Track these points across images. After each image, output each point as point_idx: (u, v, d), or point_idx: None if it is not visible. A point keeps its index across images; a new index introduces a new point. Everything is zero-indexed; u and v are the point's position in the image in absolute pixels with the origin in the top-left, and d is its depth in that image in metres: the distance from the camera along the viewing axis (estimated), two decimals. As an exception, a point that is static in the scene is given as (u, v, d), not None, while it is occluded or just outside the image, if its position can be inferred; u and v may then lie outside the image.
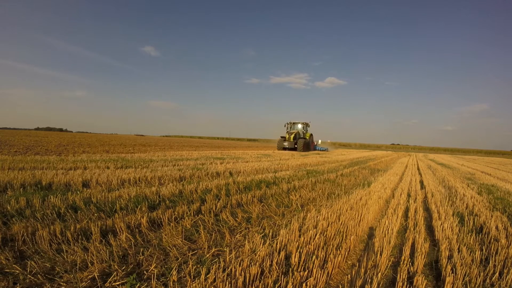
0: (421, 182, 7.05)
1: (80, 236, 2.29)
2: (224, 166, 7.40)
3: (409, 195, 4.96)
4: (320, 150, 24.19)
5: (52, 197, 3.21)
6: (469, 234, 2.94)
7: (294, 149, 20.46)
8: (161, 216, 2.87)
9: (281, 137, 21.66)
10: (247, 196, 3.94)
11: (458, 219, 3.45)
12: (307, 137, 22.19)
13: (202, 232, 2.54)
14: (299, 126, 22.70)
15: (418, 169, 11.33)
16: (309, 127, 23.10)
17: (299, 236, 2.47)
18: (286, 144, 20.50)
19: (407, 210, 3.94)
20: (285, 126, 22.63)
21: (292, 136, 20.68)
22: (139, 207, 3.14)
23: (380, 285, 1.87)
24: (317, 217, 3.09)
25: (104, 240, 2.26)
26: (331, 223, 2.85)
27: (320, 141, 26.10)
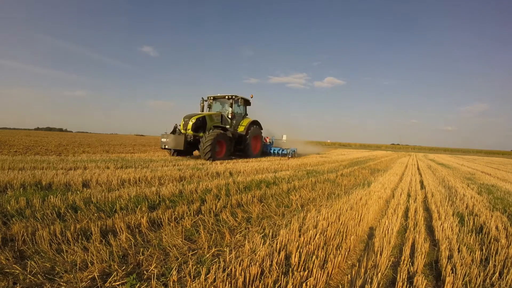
0: (421, 182, 7.05)
1: (80, 236, 2.28)
2: (224, 166, 7.40)
3: (409, 195, 4.96)
4: (279, 154, 13.21)
5: (52, 197, 3.20)
6: (469, 234, 2.94)
7: (192, 148, 9.90)
8: (161, 216, 2.86)
9: (176, 126, 10.19)
10: (247, 196, 3.94)
11: (458, 219, 3.45)
12: (242, 128, 11.19)
13: (202, 232, 2.54)
14: (226, 106, 11.44)
15: (418, 169, 11.33)
16: (249, 105, 12.13)
17: (299, 236, 2.47)
18: (166, 140, 9.44)
19: (407, 210, 3.94)
20: (201, 104, 11.46)
21: (190, 124, 9.46)
22: (139, 207, 3.14)
23: (380, 285, 1.87)
24: (317, 217, 3.08)
25: (104, 240, 2.26)
26: (331, 223, 2.85)
27: (285, 136, 15.01)
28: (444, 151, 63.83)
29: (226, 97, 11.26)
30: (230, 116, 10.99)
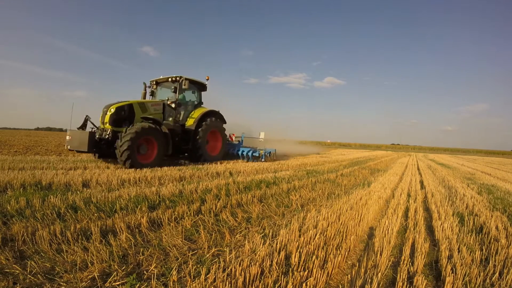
0: (421, 182, 7.05)
1: (80, 236, 2.28)
2: (224, 166, 7.40)
3: (409, 195, 4.96)
4: (250, 158, 9.88)
5: (52, 197, 3.20)
6: (469, 234, 2.94)
7: (111, 149, 6.66)
8: (161, 216, 2.86)
9: (86, 118, 7.14)
10: (247, 196, 3.94)
11: (458, 219, 3.45)
12: (191, 121, 8.41)
13: (202, 232, 2.54)
14: (170, 93, 8.45)
15: (418, 169, 11.33)
16: (204, 91, 9.28)
17: (299, 236, 2.47)
18: (70, 138, 6.70)
19: (407, 210, 3.94)
20: (144, 90, 8.89)
21: (108, 115, 6.85)
22: (139, 207, 3.14)
23: (380, 285, 1.87)
24: (317, 217, 3.09)
25: (104, 240, 2.26)
26: (331, 223, 2.85)
27: (262, 134, 11.79)
28: (444, 151, 63.77)
29: (169, 79, 8.39)
30: (173, 105, 8.09)
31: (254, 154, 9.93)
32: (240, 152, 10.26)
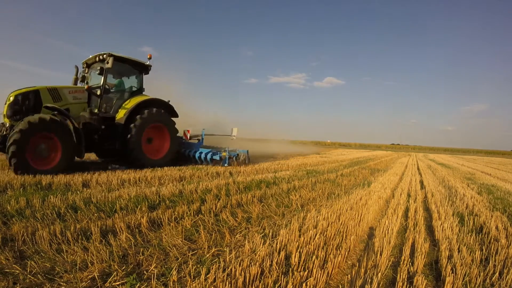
0: (421, 182, 7.05)
1: (80, 236, 2.28)
2: (224, 166, 7.40)
3: (409, 195, 4.96)
4: (208, 161, 7.66)
5: (52, 197, 3.21)
6: (469, 234, 2.94)
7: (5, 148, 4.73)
8: (161, 216, 2.86)
9: None
10: (247, 196, 3.94)
11: (458, 219, 3.45)
12: (122, 113, 6.33)
13: (202, 232, 2.54)
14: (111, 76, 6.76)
15: (418, 169, 11.33)
16: (146, 74, 7.14)
17: (299, 236, 2.47)
18: None
19: (407, 210, 3.94)
20: (76, 75, 6.66)
21: (7, 105, 5.27)
22: (139, 207, 3.14)
23: (380, 285, 1.87)
24: (317, 217, 3.09)
25: (104, 240, 2.26)
26: (331, 223, 2.85)
27: (235, 131, 9.19)
28: (444, 151, 63.71)
29: (97, 58, 6.44)
30: (98, 92, 6.19)
31: (214, 157, 7.66)
32: (197, 155, 7.87)
